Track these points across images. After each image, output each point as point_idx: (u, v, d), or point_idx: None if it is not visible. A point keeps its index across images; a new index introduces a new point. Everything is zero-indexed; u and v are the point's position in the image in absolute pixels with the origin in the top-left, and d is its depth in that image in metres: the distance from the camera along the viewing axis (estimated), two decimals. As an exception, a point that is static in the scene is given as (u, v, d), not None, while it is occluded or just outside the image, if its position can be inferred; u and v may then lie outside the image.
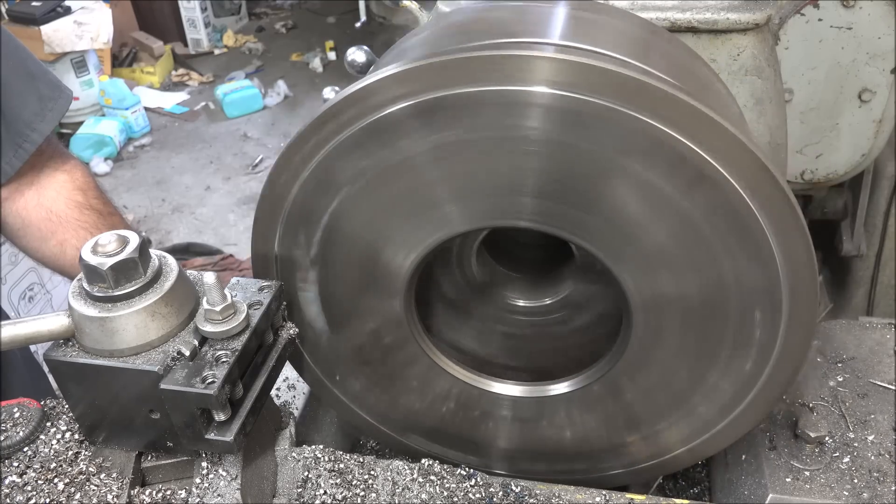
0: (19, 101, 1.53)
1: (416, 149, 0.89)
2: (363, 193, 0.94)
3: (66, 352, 0.87)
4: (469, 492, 0.97)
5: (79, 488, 0.90)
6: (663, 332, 0.96)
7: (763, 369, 0.95)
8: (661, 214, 0.87)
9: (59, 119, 1.60)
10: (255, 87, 6.97)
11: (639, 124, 0.82)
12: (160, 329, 0.86)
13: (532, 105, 0.83)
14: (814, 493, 1.01)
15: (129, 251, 0.84)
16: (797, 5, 1.63)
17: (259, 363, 0.92)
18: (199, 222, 5.46)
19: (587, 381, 1.05)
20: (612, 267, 0.93)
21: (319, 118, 0.90)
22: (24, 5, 6.06)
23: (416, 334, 1.07)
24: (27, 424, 0.96)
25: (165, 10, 7.78)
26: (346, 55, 1.44)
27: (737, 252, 0.87)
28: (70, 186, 1.65)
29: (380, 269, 1.00)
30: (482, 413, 1.12)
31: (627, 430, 1.06)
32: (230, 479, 0.90)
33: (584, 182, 0.88)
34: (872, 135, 1.96)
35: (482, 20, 1.10)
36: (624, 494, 1.01)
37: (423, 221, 0.96)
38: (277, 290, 0.94)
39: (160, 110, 6.97)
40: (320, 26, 8.49)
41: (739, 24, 1.31)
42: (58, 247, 1.63)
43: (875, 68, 1.87)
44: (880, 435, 1.09)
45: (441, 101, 0.85)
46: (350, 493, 0.96)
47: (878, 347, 1.24)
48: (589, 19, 1.08)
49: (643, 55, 0.97)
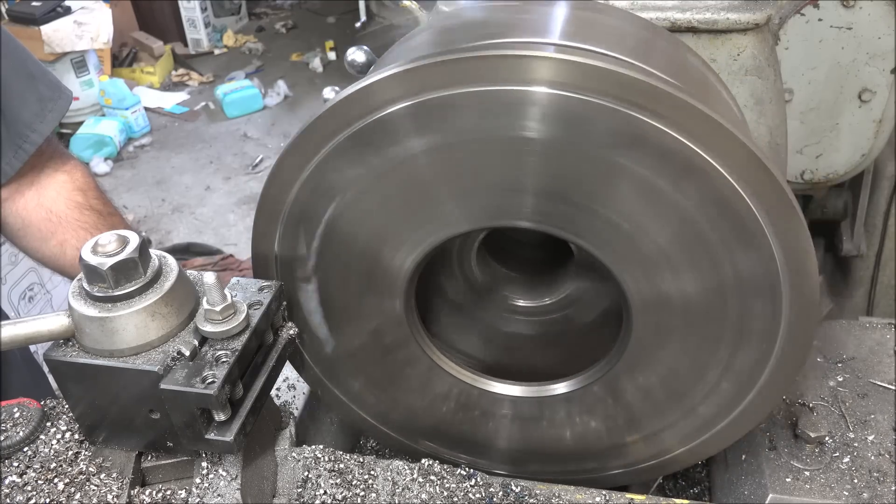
0: (19, 101, 1.53)
1: (415, 149, 0.89)
2: (363, 193, 0.94)
3: (66, 352, 0.87)
4: (469, 492, 0.97)
5: (79, 488, 0.90)
6: (663, 331, 0.96)
7: (763, 369, 0.95)
8: (661, 215, 0.87)
9: (59, 120, 1.60)
10: (255, 87, 6.97)
11: (639, 124, 0.82)
12: (160, 329, 0.86)
13: (531, 105, 0.83)
14: (814, 493, 1.01)
15: (129, 251, 0.84)
16: (797, 5, 1.63)
17: (259, 363, 0.92)
18: (199, 222, 5.46)
19: (587, 381, 1.05)
20: (611, 267, 0.93)
21: (319, 118, 0.90)
22: (24, 5, 6.06)
23: (416, 334, 1.07)
24: (27, 424, 0.96)
25: (165, 10, 7.78)
26: (346, 55, 1.44)
27: (737, 252, 0.87)
28: (70, 187, 1.66)
29: (380, 269, 1.00)
30: (482, 413, 1.12)
31: (627, 430, 1.06)
32: (230, 479, 0.90)
33: (583, 182, 0.88)
34: (872, 135, 1.96)
35: (482, 20, 1.10)
36: (624, 494, 1.01)
37: (422, 221, 0.96)
38: (277, 290, 0.94)
39: (160, 110, 6.97)
40: (320, 26, 8.49)
41: (739, 24, 1.31)
42: (58, 247, 1.63)
43: (875, 68, 1.87)
44: (880, 435, 1.09)
45: (441, 101, 0.85)
46: (350, 493, 0.96)
47: (878, 347, 1.24)
48: (589, 19, 1.08)
49: (643, 55, 0.97)
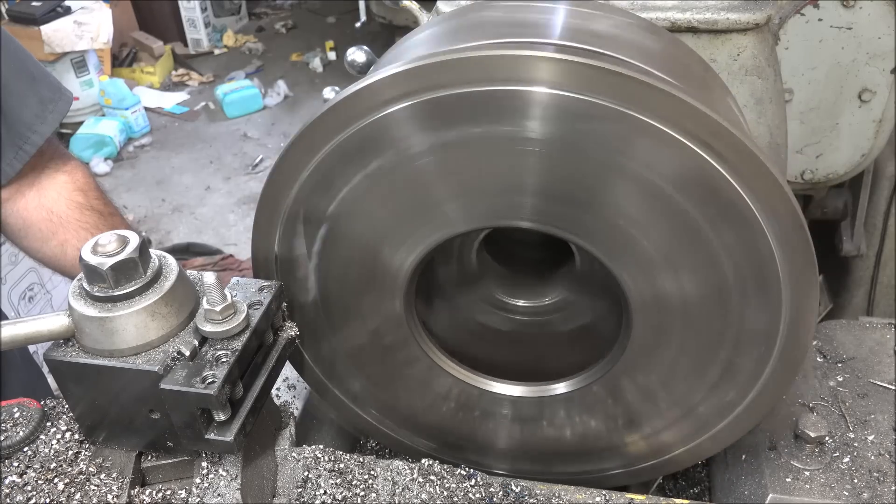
0: (20, 103, 1.54)
1: (415, 149, 0.89)
2: (363, 193, 0.94)
3: (66, 352, 0.87)
4: (469, 492, 0.97)
5: (79, 488, 0.90)
6: (663, 331, 0.96)
7: (763, 369, 0.95)
8: (661, 214, 0.87)
9: (59, 121, 1.61)
10: (255, 87, 6.97)
11: (639, 124, 0.82)
12: (160, 329, 0.86)
13: (532, 105, 0.83)
14: (814, 493, 1.01)
15: (129, 251, 0.84)
16: (797, 5, 1.63)
17: (259, 363, 0.92)
18: (199, 222, 5.46)
19: (587, 381, 1.05)
20: (611, 267, 0.93)
21: (319, 118, 0.90)
22: (24, 5, 6.07)
23: (416, 334, 1.07)
24: (27, 424, 0.96)
25: (165, 10, 7.78)
26: (346, 55, 1.44)
27: (736, 252, 0.87)
28: (71, 187, 1.66)
29: (380, 268, 1.00)
30: (482, 413, 1.12)
31: (627, 430, 1.07)
32: (230, 479, 0.90)
33: (583, 182, 0.88)
34: (872, 135, 1.96)
35: (482, 20, 1.10)
36: (624, 494, 1.01)
37: (422, 221, 0.96)
38: (277, 290, 0.94)
39: (160, 110, 6.97)
40: (320, 26, 8.49)
41: (739, 24, 1.31)
42: (59, 247, 1.63)
43: (875, 68, 1.87)
44: (880, 435, 1.09)
45: (441, 101, 0.85)
46: (350, 493, 0.96)
47: (878, 347, 1.24)
48: (589, 19, 1.08)
49: (643, 55, 0.97)
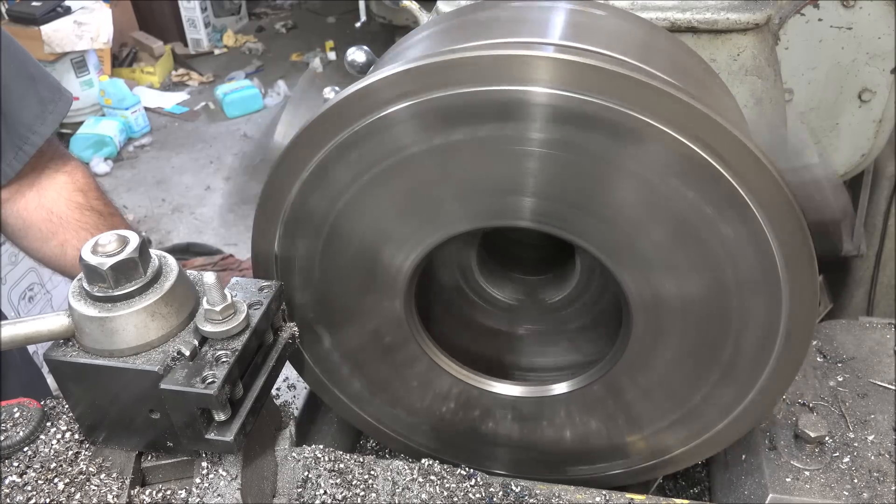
0: (20, 103, 1.54)
1: (415, 149, 0.89)
2: (363, 193, 0.94)
3: (66, 352, 0.87)
4: (469, 492, 0.97)
5: (79, 488, 0.90)
6: (663, 332, 0.96)
7: (763, 369, 0.95)
8: (661, 215, 0.87)
9: (59, 121, 1.61)
10: (255, 87, 6.97)
11: (638, 124, 0.82)
12: (160, 329, 0.86)
13: (532, 105, 0.83)
14: (814, 493, 1.01)
15: (129, 251, 0.84)
16: (797, 5, 1.63)
17: (259, 363, 0.92)
18: (199, 222, 5.46)
19: (587, 381, 1.05)
20: (612, 267, 0.93)
21: (320, 118, 0.90)
22: (24, 5, 6.06)
23: (416, 334, 1.07)
24: (27, 424, 0.96)
25: (165, 10, 7.78)
26: (346, 55, 1.44)
27: (736, 252, 0.87)
28: (71, 187, 1.66)
29: (380, 269, 1.00)
30: (482, 413, 1.12)
31: (627, 430, 1.07)
32: (230, 479, 0.90)
33: (584, 182, 0.88)
34: (872, 135, 1.96)
35: (482, 20, 1.10)
36: (624, 494, 1.01)
37: (423, 221, 0.96)
38: (277, 290, 0.94)
39: (160, 110, 6.97)
40: (320, 26, 8.49)
41: (739, 24, 1.31)
42: (59, 247, 1.63)
43: (875, 68, 1.87)
44: (880, 435, 1.09)
45: (441, 101, 0.85)
46: (350, 493, 0.96)
47: (878, 347, 1.24)
48: (589, 19, 1.08)
49: (643, 55, 0.97)
